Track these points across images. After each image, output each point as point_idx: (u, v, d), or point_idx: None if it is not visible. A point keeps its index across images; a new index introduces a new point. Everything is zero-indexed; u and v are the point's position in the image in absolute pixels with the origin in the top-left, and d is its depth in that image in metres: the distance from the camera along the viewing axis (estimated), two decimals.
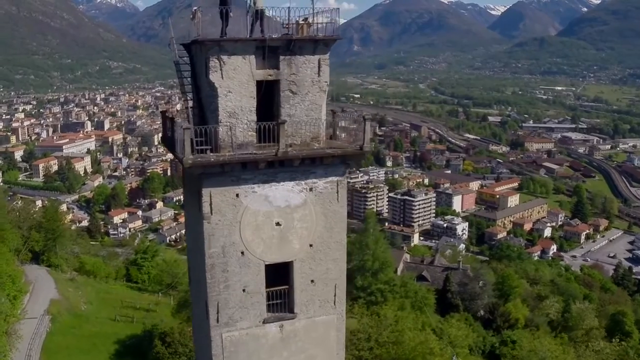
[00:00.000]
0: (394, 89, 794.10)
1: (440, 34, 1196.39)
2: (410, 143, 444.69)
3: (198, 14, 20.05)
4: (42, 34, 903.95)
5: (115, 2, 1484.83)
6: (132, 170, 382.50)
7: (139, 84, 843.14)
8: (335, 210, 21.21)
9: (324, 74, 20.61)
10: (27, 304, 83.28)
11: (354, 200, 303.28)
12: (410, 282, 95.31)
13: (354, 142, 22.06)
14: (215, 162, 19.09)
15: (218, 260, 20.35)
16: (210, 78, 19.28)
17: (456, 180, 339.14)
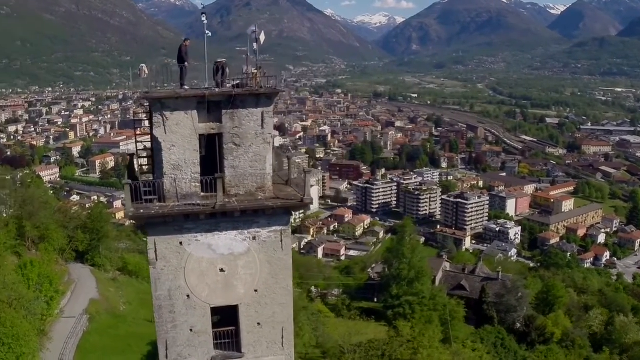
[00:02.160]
0: (451, 89, 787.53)
1: (500, 33, 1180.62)
2: (466, 144, 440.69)
3: (144, 70, 20.78)
4: (101, 32, 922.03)
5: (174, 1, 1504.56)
6: None
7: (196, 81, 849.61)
8: (280, 258, 21.80)
9: (268, 126, 21.21)
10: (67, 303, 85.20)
11: (406, 202, 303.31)
12: (439, 294, 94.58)
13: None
14: (155, 215, 20.01)
15: (165, 302, 21.29)
16: (154, 133, 20.14)
17: (511, 183, 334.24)
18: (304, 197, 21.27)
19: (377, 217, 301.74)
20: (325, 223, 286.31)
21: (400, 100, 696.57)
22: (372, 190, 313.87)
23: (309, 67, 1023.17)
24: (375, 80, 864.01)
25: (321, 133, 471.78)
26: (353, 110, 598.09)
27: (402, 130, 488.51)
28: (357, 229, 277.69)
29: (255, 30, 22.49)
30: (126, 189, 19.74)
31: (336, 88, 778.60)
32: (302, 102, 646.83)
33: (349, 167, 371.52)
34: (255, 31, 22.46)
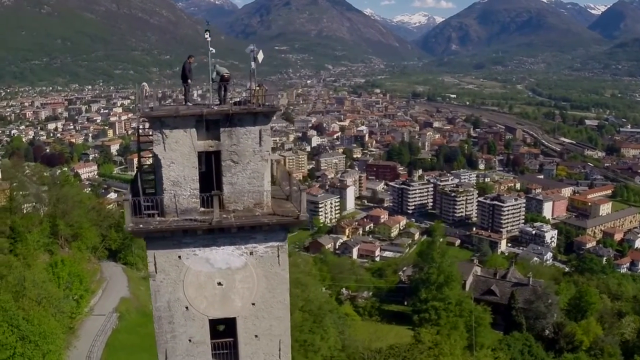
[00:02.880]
0: (490, 90, 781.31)
1: (539, 34, 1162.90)
2: (504, 146, 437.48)
3: (146, 88, 21.30)
4: (141, 31, 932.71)
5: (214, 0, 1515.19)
6: None
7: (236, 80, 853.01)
8: (277, 273, 22.16)
9: (266, 144, 21.60)
10: (97, 301, 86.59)
11: (443, 203, 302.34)
12: (466, 300, 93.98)
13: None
14: (153, 230, 20.58)
15: (164, 313, 21.87)
16: (154, 150, 20.70)
17: (548, 186, 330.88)
18: (300, 214, 21.37)
19: (413, 218, 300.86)
20: (361, 223, 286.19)
21: (439, 101, 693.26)
22: (408, 191, 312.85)
23: (347, 67, 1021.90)
24: (414, 80, 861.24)
25: (359, 133, 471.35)
26: (391, 111, 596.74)
27: (440, 131, 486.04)
28: (392, 230, 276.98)
29: (254, 49, 22.91)
30: (125, 205, 20.40)
31: (375, 88, 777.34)
32: (341, 102, 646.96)
33: (386, 168, 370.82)
34: (254, 50, 22.89)
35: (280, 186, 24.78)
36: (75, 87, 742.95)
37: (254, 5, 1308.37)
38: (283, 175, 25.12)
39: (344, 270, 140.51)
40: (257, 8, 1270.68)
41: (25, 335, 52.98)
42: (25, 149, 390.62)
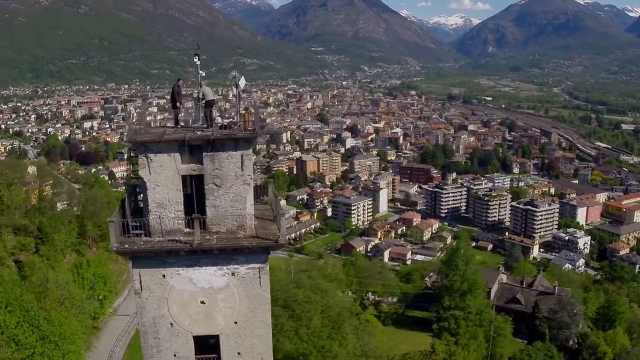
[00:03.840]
0: (527, 93, 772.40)
1: (577, 36, 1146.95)
2: (539, 150, 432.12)
3: (134, 112, 22.01)
4: (178, 31, 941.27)
5: (250, 1, 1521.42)
6: (258, 168, 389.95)
7: (272, 81, 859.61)
8: (259, 294, 22.81)
9: (248, 168, 22.22)
10: (123, 302, 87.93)
11: (476, 207, 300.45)
12: (486, 310, 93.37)
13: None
14: (138, 250, 21.40)
15: (150, 329, 22.78)
16: (140, 173, 21.47)
17: (583, 191, 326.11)
18: (279, 239, 21.93)
19: (446, 222, 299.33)
20: (394, 227, 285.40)
21: (475, 104, 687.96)
22: (441, 195, 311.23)
23: (384, 68, 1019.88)
24: (450, 83, 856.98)
25: (393, 135, 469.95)
26: (426, 113, 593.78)
27: (475, 134, 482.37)
28: (425, 233, 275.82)
29: (236, 75, 23.52)
30: (111, 226, 21.24)
31: (410, 90, 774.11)
32: (376, 104, 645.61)
33: (420, 171, 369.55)
34: (236, 76, 23.50)
35: (272, 207, 25.37)
36: (112, 87, 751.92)
37: (290, 6, 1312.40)
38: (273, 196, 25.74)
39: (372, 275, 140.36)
40: (294, 9, 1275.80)
41: (45, 336, 54.24)
42: (62, 148, 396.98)
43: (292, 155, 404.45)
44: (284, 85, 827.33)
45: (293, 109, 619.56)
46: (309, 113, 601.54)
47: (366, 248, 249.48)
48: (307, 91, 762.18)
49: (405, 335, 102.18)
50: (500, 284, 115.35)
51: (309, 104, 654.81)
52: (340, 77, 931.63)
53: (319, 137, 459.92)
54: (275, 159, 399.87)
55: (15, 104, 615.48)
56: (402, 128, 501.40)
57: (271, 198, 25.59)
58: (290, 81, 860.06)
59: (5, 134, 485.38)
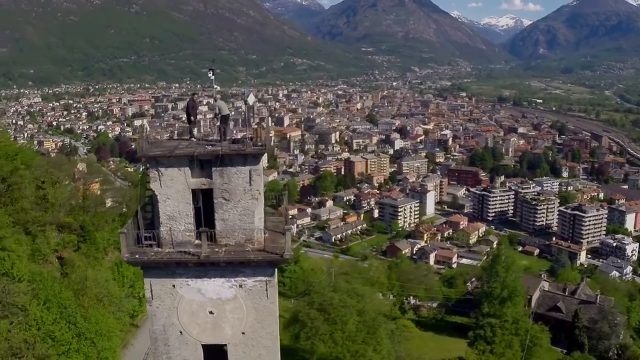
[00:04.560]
0: (578, 95, 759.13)
1: (629, 38, 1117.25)
2: (589, 154, 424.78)
3: (145, 125, 22.63)
4: (228, 31, 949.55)
5: (300, 0, 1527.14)
6: (306, 168, 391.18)
7: (322, 81, 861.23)
8: (265, 306, 23.25)
9: (256, 183, 22.61)
10: None
11: (523, 211, 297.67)
12: (523, 318, 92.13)
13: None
14: (148, 261, 22.05)
15: (160, 336, 23.56)
16: (151, 186, 22.11)
17: (632, 197, 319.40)
18: (284, 253, 22.34)
19: (493, 225, 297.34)
20: (440, 229, 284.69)
21: (525, 106, 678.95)
22: (489, 198, 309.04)
23: (434, 69, 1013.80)
24: (501, 84, 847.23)
25: (442, 137, 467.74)
26: (476, 115, 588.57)
27: (525, 136, 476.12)
28: (471, 236, 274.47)
29: (244, 91, 24.05)
30: (121, 237, 21.96)
31: (461, 91, 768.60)
32: (425, 105, 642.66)
33: (468, 173, 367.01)
34: (244, 92, 24.04)
35: (286, 219, 25.78)
36: (162, 85, 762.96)
37: (340, 6, 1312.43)
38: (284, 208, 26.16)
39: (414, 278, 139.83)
40: (344, 9, 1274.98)
41: (81, 332, 55.30)
42: (111, 145, 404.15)
43: (340, 156, 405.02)
44: (334, 85, 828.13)
45: (342, 109, 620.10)
46: (358, 113, 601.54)
47: (412, 250, 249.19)
48: (357, 91, 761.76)
49: (442, 341, 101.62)
50: (541, 291, 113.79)
51: (358, 105, 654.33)
52: (390, 78, 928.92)
53: (368, 137, 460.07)
54: (324, 159, 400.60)
55: (67, 101, 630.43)
56: (451, 130, 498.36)
57: (283, 210, 25.97)
58: (340, 81, 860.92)
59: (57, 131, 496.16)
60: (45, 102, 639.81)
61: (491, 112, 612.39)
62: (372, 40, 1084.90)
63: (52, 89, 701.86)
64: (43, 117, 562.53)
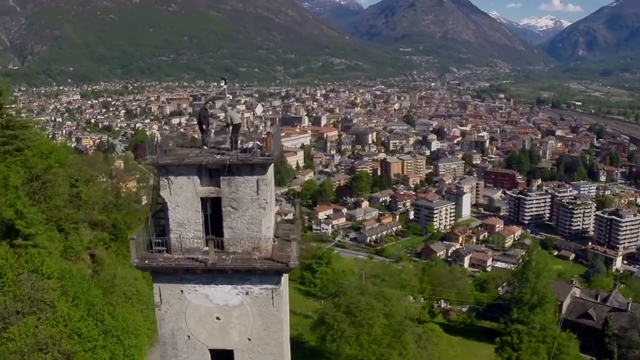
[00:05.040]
0: (617, 98, 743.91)
1: None
2: (627, 157, 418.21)
3: (157, 135, 23.11)
4: (266, 30, 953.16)
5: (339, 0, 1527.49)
6: (343, 168, 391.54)
7: (360, 81, 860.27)
8: (271, 314, 23.60)
9: (263, 193, 22.93)
10: None
11: (559, 215, 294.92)
12: (550, 325, 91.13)
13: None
14: (156, 266, 22.66)
15: (169, 340, 24.17)
16: (161, 194, 22.61)
17: None
18: (289, 263, 22.71)
19: (529, 229, 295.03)
20: (475, 232, 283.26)
21: (563, 108, 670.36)
22: (525, 201, 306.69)
23: (472, 70, 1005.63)
24: (539, 86, 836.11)
25: (479, 139, 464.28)
26: (514, 117, 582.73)
27: (562, 139, 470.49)
28: (506, 240, 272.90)
29: (253, 102, 24.44)
30: (131, 243, 22.50)
31: (499, 92, 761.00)
32: (463, 106, 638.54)
33: (504, 176, 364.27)
34: (253, 104, 24.41)
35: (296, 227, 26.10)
36: (200, 84, 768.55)
37: (379, 6, 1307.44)
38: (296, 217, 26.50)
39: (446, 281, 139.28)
40: (382, 9, 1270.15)
41: (108, 330, 56.24)
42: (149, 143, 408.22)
43: (376, 156, 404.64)
44: (372, 85, 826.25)
45: (380, 110, 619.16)
46: (395, 114, 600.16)
47: (446, 252, 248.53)
48: (395, 92, 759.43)
49: (471, 346, 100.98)
50: (572, 297, 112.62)
51: (396, 105, 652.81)
52: (428, 78, 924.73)
53: (405, 138, 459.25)
54: (360, 159, 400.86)
55: (105, 99, 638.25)
56: (488, 131, 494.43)
57: (296, 217, 26.33)
58: (377, 81, 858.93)
59: (95, 128, 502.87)
60: (84, 99, 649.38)
61: (529, 114, 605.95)
62: (410, 41, 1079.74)
63: (91, 87, 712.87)
64: (82, 115, 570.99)
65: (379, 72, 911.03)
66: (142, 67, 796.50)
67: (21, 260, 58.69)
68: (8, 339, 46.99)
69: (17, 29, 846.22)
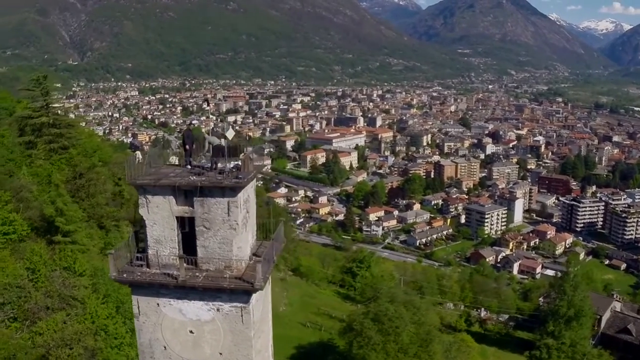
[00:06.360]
0: None
1: None
2: None
3: (138, 157, 24.32)
4: (324, 29, 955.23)
5: (398, 0, 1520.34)
6: (396, 170, 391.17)
7: (417, 82, 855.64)
8: (241, 330, 24.48)
9: (234, 214, 23.81)
10: None
11: (612, 223, 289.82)
12: (582, 342, 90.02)
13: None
14: (132, 280, 24.10)
15: (147, 349, 25.42)
16: (139, 211, 23.85)
17: None
18: (255, 284, 23.56)
19: (581, 236, 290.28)
20: (526, 238, 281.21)
21: (622, 113, 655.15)
22: (578, 208, 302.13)
23: (530, 73, 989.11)
24: (598, 90, 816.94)
25: (535, 143, 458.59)
26: (571, 121, 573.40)
27: (619, 145, 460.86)
28: (557, 247, 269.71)
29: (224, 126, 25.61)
30: (110, 257, 23.85)
31: (557, 96, 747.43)
32: (520, 109, 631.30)
33: (559, 181, 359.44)
34: (224, 127, 25.51)
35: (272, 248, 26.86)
36: (258, 82, 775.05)
37: (437, 7, 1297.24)
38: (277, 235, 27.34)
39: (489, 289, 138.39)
40: (441, 10, 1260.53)
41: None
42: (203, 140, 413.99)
43: (430, 159, 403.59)
44: (429, 86, 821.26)
45: (435, 111, 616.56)
46: (451, 116, 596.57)
47: (496, 258, 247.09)
48: (452, 93, 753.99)
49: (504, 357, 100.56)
50: (612, 311, 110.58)
51: (452, 107, 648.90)
52: (486, 81, 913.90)
53: (460, 141, 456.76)
54: (413, 161, 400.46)
55: (163, 95, 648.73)
56: (544, 136, 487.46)
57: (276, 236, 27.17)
58: (435, 82, 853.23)
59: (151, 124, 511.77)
60: (141, 95, 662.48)
61: (586, 119, 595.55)
62: (468, 42, 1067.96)
63: (148, 83, 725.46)
64: (139, 110, 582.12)
65: (437, 73, 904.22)
66: (200, 65, 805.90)
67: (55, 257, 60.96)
68: (36, 333, 48.97)
69: (77, 25, 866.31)
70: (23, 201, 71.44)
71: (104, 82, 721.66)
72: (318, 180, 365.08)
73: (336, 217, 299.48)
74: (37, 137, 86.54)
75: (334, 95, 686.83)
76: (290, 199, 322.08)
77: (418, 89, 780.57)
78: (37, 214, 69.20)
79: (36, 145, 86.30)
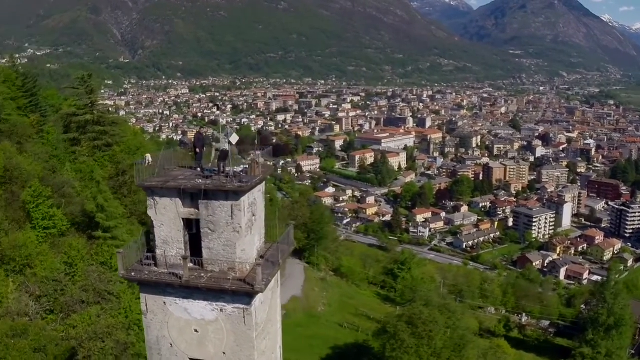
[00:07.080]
0: None
1: None
2: None
3: (148, 159, 25.05)
4: (375, 29, 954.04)
5: (449, 1, 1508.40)
6: (444, 171, 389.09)
7: (468, 82, 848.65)
8: (244, 331, 24.96)
9: (237, 217, 24.35)
10: None
11: None
12: (618, 352, 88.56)
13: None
14: (140, 279, 24.99)
15: (154, 346, 26.09)
16: (148, 212, 24.64)
17: None
18: (255, 286, 23.96)
19: (630, 242, 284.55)
20: (574, 243, 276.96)
21: None
22: (627, 213, 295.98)
23: (582, 75, 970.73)
24: None
25: (585, 146, 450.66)
26: (622, 125, 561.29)
27: None
28: (605, 253, 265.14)
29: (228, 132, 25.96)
30: (119, 257, 24.68)
31: (608, 99, 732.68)
32: (571, 112, 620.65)
33: (608, 186, 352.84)
34: (228, 132, 25.93)
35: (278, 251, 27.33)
36: (308, 81, 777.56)
37: (489, 7, 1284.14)
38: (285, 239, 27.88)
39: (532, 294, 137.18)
40: (492, 10, 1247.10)
41: None
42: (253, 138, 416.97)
43: (479, 161, 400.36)
44: (479, 87, 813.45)
45: (486, 113, 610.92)
46: (501, 118, 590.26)
47: (542, 262, 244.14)
48: (502, 95, 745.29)
49: None
50: None
51: (502, 109, 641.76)
52: (537, 82, 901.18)
53: (509, 143, 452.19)
54: (462, 163, 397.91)
55: (213, 94, 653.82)
56: (595, 139, 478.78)
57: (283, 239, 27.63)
58: (486, 84, 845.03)
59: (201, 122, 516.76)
60: (192, 93, 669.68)
61: (638, 123, 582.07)
62: (520, 43, 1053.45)
63: (199, 81, 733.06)
64: (189, 108, 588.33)
65: (488, 74, 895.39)
66: (251, 64, 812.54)
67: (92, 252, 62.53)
68: (70, 326, 50.41)
69: (129, 23, 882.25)
70: (65, 197, 73.14)
71: (155, 79, 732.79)
72: (366, 181, 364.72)
73: (383, 217, 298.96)
74: (82, 134, 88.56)
75: (384, 96, 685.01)
76: (337, 198, 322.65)
77: (468, 90, 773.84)
78: (79, 210, 70.83)
79: (80, 142, 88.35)
